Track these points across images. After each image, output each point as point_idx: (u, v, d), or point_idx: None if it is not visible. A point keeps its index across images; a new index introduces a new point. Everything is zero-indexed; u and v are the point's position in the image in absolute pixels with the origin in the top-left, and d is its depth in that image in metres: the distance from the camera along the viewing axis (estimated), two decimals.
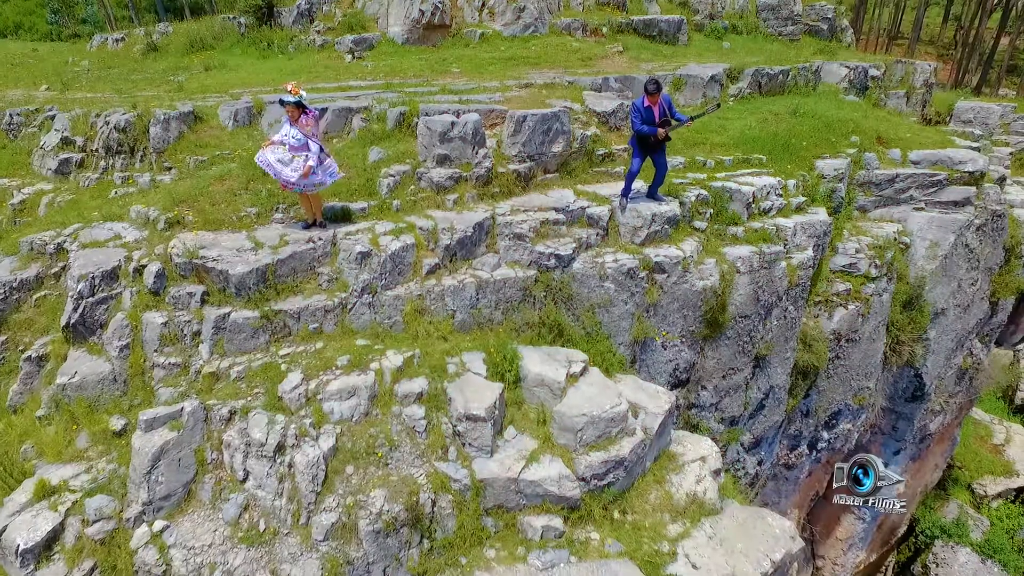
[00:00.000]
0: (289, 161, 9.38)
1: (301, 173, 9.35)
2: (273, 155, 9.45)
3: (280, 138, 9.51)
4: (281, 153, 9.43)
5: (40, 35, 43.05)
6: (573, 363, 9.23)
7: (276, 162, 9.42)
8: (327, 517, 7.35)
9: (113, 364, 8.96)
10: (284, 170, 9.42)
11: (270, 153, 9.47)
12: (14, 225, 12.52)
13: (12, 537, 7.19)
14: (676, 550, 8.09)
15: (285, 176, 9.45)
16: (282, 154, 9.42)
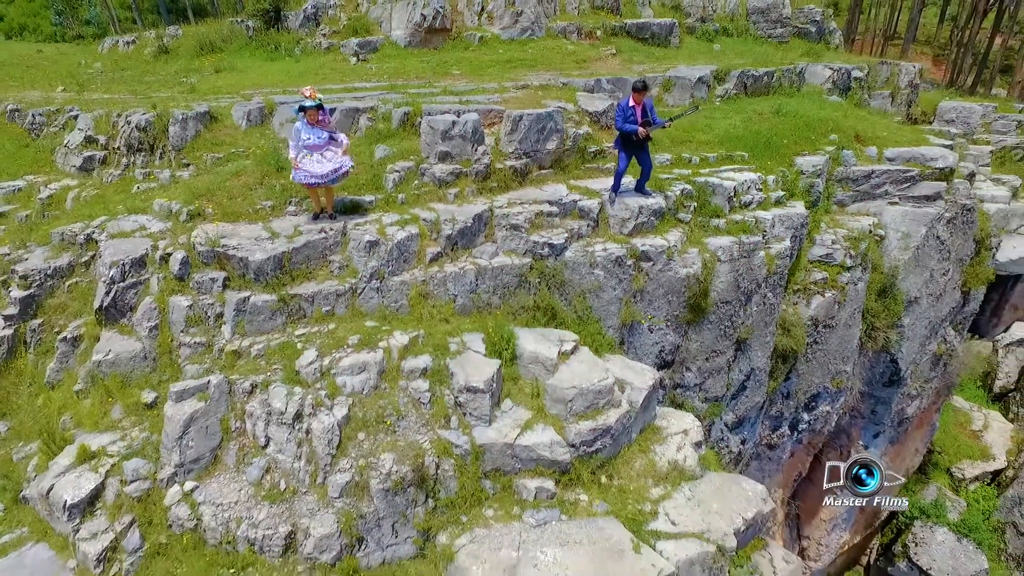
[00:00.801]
0: (322, 159, 10.19)
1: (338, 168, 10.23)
2: (309, 168, 10.25)
3: (305, 149, 10.24)
4: (317, 163, 10.23)
5: (44, 36, 43.31)
6: (565, 343, 9.98)
7: (319, 174, 10.23)
8: (341, 477, 8.11)
9: (143, 343, 9.71)
10: (323, 168, 10.24)
11: (307, 167, 10.27)
12: (43, 218, 13.24)
13: (59, 494, 7.94)
14: (657, 510, 8.84)
15: (325, 177, 10.30)
16: (318, 164, 10.23)
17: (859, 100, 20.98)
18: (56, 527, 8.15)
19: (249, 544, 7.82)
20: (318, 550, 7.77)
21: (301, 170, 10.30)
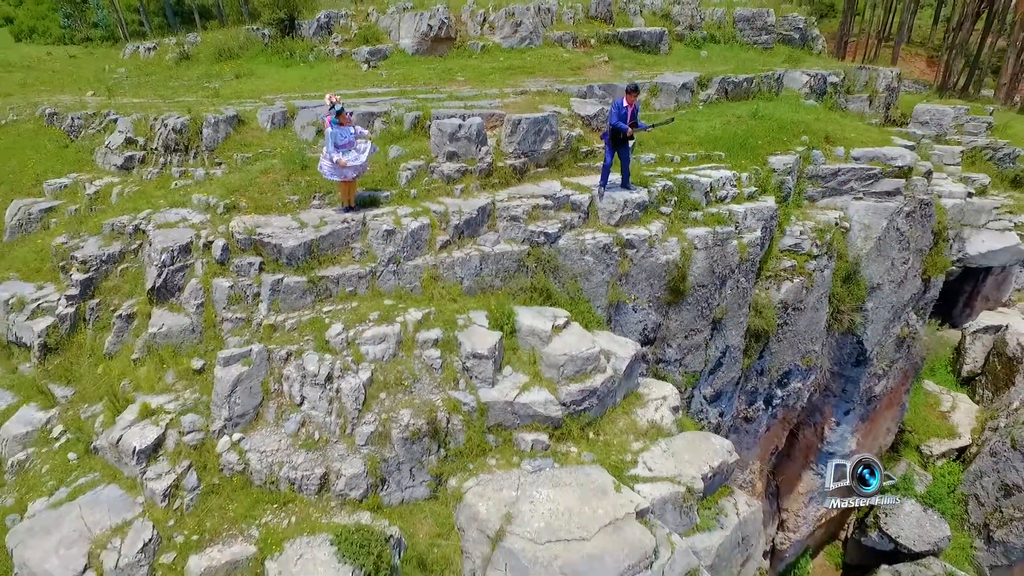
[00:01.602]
0: (349, 155, 11.48)
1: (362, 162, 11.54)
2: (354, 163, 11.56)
3: (337, 149, 11.51)
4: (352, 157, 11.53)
5: (53, 39, 43.66)
6: (558, 318, 11.28)
7: (336, 167, 11.51)
8: (367, 428, 9.40)
9: (191, 318, 11.00)
10: (354, 161, 11.54)
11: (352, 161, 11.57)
12: (91, 211, 14.53)
13: (128, 442, 9.23)
14: (637, 460, 10.15)
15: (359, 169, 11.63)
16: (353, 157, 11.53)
17: (834, 104, 22.25)
18: (124, 471, 9.43)
19: (289, 484, 9.11)
20: (348, 488, 9.07)
21: (330, 165, 11.59)
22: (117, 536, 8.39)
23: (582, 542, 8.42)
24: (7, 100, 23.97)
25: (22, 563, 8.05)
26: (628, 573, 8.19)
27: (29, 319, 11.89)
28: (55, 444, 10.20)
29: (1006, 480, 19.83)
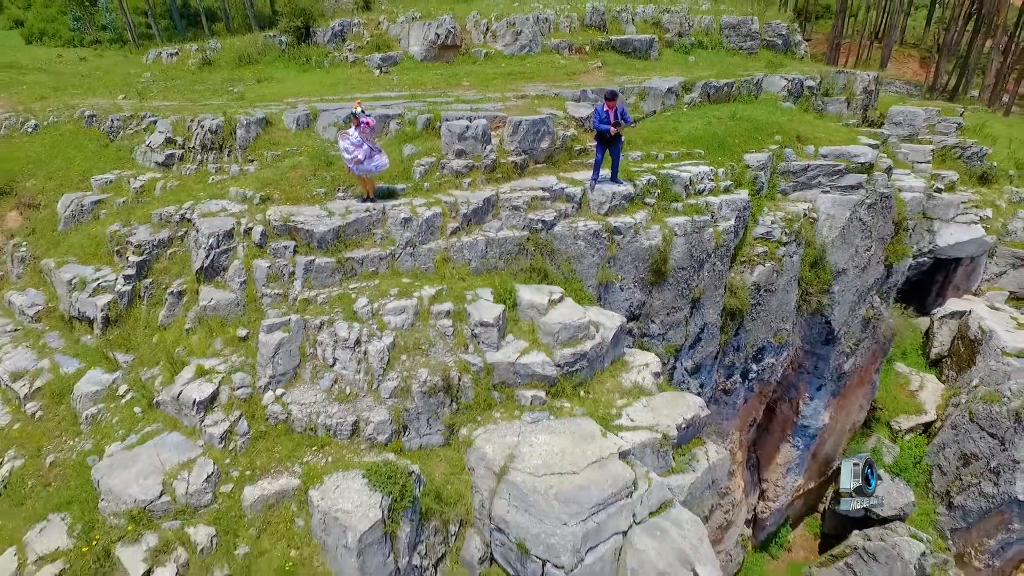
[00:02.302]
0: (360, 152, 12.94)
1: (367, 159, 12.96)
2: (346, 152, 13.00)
3: (347, 140, 12.97)
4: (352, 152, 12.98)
5: (63, 41, 44.11)
6: (553, 294, 12.74)
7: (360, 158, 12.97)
8: (391, 383, 10.87)
9: (235, 294, 12.46)
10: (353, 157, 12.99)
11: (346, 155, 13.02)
12: (138, 203, 15.98)
13: (189, 395, 10.70)
14: (621, 413, 11.61)
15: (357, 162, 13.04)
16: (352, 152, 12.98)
17: (810, 106, 23.65)
18: (184, 421, 10.89)
19: (326, 430, 10.57)
20: (376, 433, 10.54)
21: (346, 157, 13.07)
22: (184, 470, 9.87)
23: (573, 475, 9.89)
24: (44, 103, 25.37)
25: (108, 490, 9.52)
26: (611, 499, 9.66)
27: (91, 296, 13.33)
28: (121, 400, 11.65)
29: (965, 450, 21.30)
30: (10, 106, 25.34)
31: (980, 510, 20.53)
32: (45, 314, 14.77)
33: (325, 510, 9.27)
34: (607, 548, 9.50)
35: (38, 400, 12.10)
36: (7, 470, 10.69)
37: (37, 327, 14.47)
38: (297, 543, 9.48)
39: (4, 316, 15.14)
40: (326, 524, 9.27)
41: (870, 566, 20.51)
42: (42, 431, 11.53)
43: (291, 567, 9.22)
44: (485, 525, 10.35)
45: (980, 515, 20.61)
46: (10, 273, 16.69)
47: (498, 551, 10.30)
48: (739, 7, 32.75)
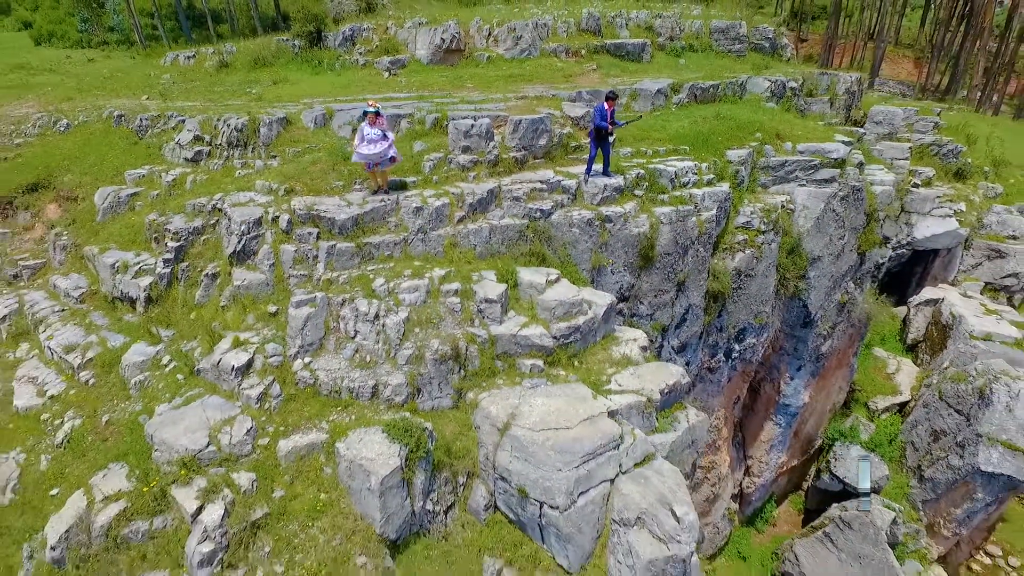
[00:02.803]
0: (375, 149, 14.12)
1: (383, 152, 14.13)
2: (364, 151, 14.19)
3: (366, 141, 14.17)
4: (368, 148, 14.16)
5: (71, 42, 44.48)
6: (550, 275, 13.96)
7: (367, 155, 14.16)
8: (406, 352, 12.11)
9: (265, 275, 13.69)
10: (371, 154, 14.18)
11: (362, 150, 14.20)
12: (170, 195, 17.21)
13: (228, 362, 11.94)
14: (610, 379, 12.83)
15: (370, 156, 14.22)
16: (369, 148, 14.16)
17: (791, 106, 24.86)
18: (223, 386, 12.13)
19: (349, 392, 11.81)
20: (393, 395, 11.78)
21: (358, 153, 14.28)
22: (227, 425, 11.11)
23: (567, 430, 11.11)
24: (71, 104, 26.62)
25: (161, 441, 10.76)
26: (600, 450, 10.89)
27: (134, 278, 14.58)
28: (165, 369, 12.88)
29: (935, 427, 22.52)
30: (40, 106, 26.61)
31: (947, 482, 21.77)
32: (89, 296, 16.01)
33: (350, 459, 10.51)
34: (597, 492, 10.73)
35: (90, 370, 13.34)
36: (68, 428, 11.93)
37: (82, 307, 15.72)
38: (326, 488, 10.72)
39: (50, 298, 16.38)
40: (351, 471, 10.51)
41: (846, 534, 21.76)
42: (96, 396, 12.77)
43: (321, 507, 10.47)
44: (489, 475, 11.58)
45: (948, 486, 21.84)
46: (52, 260, 17.95)
47: (501, 498, 11.54)
48: (728, 11, 33.94)
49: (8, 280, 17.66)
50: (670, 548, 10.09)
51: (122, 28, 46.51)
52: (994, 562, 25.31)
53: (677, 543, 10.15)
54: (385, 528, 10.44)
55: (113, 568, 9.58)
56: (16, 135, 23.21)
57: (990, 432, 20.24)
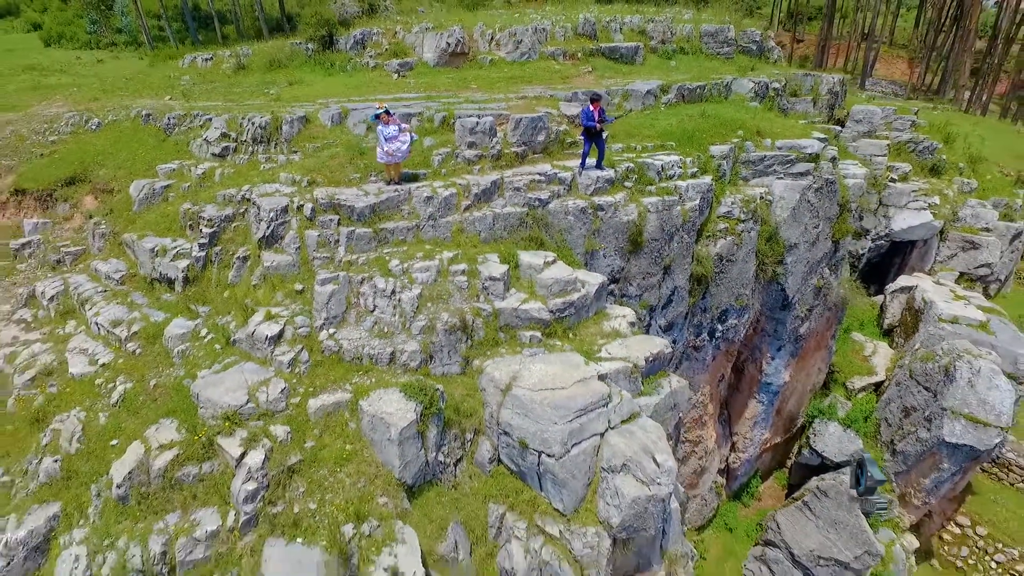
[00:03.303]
0: (397, 146, 15.46)
1: (405, 151, 15.49)
2: (388, 149, 15.54)
3: (387, 140, 15.51)
4: (390, 146, 15.51)
5: (80, 44, 45.49)
6: (547, 258, 15.26)
7: (392, 153, 15.51)
8: (420, 323, 13.43)
9: (291, 257, 15.00)
10: (395, 151, 15.52)
11: (387, 149, 15.56)
12: (201, 187, 18.53)
13: (262, 332, 13.26)
14: (601, 349, 14.14)
15: (388, 154, 15.58)
16: (391, 146, 15.50)
17: (774, 106, 26.14)
18: (256, 353, 13.45)
19: (369, 359, 13.13)
20: (408, 360, 13.10)
21: (383, 153, 15.64)
22: (263, 386, 12.43)
23: (562, 390, 12.44)
24: (98, 103, 27.95)
25: (206, 399, 12.08)
26: (591, 407, 12.21)
27: (172, 260, 15.91)
28: (204, 340, 14.20)
29: (906, 403, 23.85)
30: (69, 106, 27.95)
31: (917, 454, 23.09)
32: (128, 278, 17.35)
33: (372, 414, 11.85)
34: (588, 444, 12.05)
35: (136, 341, 14.68)
36: (121, 390, 13.26)
37: (123, 288, 17.05)
38: (351, 440, 12.04)
39: (92, 281, 17.71)
40: (373, 424, 11.85)
41: (822, 502, 23.11)
42: (143, 363, 14.11)
43: (347, 456, 11.79)
44: (494, 431, 12.92)
45: (917, 458, 23.16)
46: (92, 246, 19.28)
47: (504, 451, 12.88)
48: (718, 16, 35.21)
49: (52, 265, 18.99)
50: (651, 489, 11.44)
51: (130, 29, 47.40)
52: (963, 532, 26.65)
53: (657, 485, 11.50)
54: (403, 473, 11.78)
55: (169, 504, 10.93)
56: (50, 133, 24.56)
57: (954, 406, 21.58)
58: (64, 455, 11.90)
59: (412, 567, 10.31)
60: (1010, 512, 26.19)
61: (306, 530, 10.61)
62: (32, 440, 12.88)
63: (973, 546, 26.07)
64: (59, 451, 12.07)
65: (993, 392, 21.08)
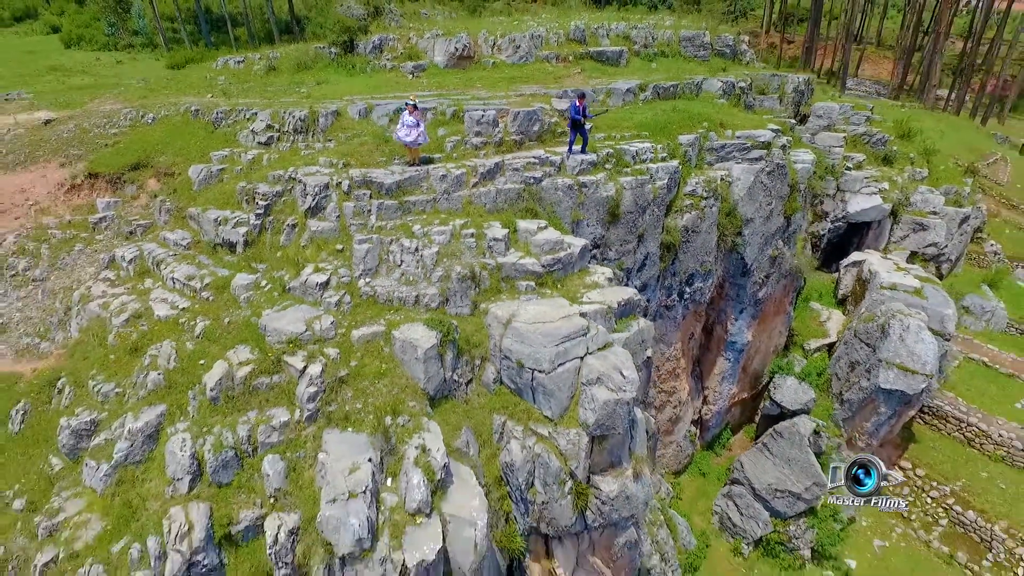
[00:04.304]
0: (409, 133, 18.33)
1: (415, 138, 18.34)
2: (401, 132, 18.40)
3: (405, 126, 18.38)
4: (404, 131, 18.37)
5: (99, 45, 46.55)
6: (540, 224, 18.09)
7: (404, 136, 18.37)
8: (438, 274, 16.27)
9: (332, 224, 17.82)
10: (406, 137, 18.39)
11: (400, 134, 18.42)
12: (251, 170, 21.35)
13: (312, 280, 16.09)
14: (583, 295, 16.94)
15: (408, 140, 18.43)
16: (404, 132, 18.37)
17: (740, 102, 28.93)
18: (308, 298, 16.29)
19: (399, 300, 15.97)
20: (429, 302, 15.96)
21: (397, 135, 18.51)
22: (316, 320, 15.26)
23: (551, 323, 15.29)
24: (147, 101, 30.66)
25: (273, 329, 14.92)
26: (573, 335, 15.01)
27: (234, 227, 18.78)
28: (264, 289, 16.98)
29: (851, 359, 26.73)
30: (121, 104, 30.74)
31: (859, 401, 25.96)
32: (193, 244, 20.16)
33: (403, 339, 14.72)
34: (571, 365, 14.91)
35: (208, 291, 17.52)
36: (201, 326, 16.10)
37: (189, 252, 19.85)
38: (386, 361, 14.89)
39: (161, 247, 20.48)
40: (404, 347, 14.72)
41: (778, 442, 26.01)
42: (216, 307, 16.95)
43: (383, 372, 14.63)
44: (497, 357, 15.79)
45: (859, 405, 26.03)
46: (158, 220, 22.11)
47: (505, 373, 15.75)
48: (696, 22, 37.93)
49: (125, 235, 21.85)
50: (618, 395, 14.35)
51: (146, 32, 48.63)
52: (905, 473, 29.57)
53: (623, 391, 14.42)
54: (427, 385, 14.66)
55: (249, 404, 13.81)
56: (110, 126, 27.35)
57: (887, 358, 24.46)
58: (164, 370, 14.81)
59: (437, 446, 13.22)
60: (944, 456, 29.05)
61: (355, 422, 13.51)
62: (133, 365, 15.76)
63: (913, 485, 28.98)
64: (159, 368, 14.97)
65: (920, 345, 23.96)
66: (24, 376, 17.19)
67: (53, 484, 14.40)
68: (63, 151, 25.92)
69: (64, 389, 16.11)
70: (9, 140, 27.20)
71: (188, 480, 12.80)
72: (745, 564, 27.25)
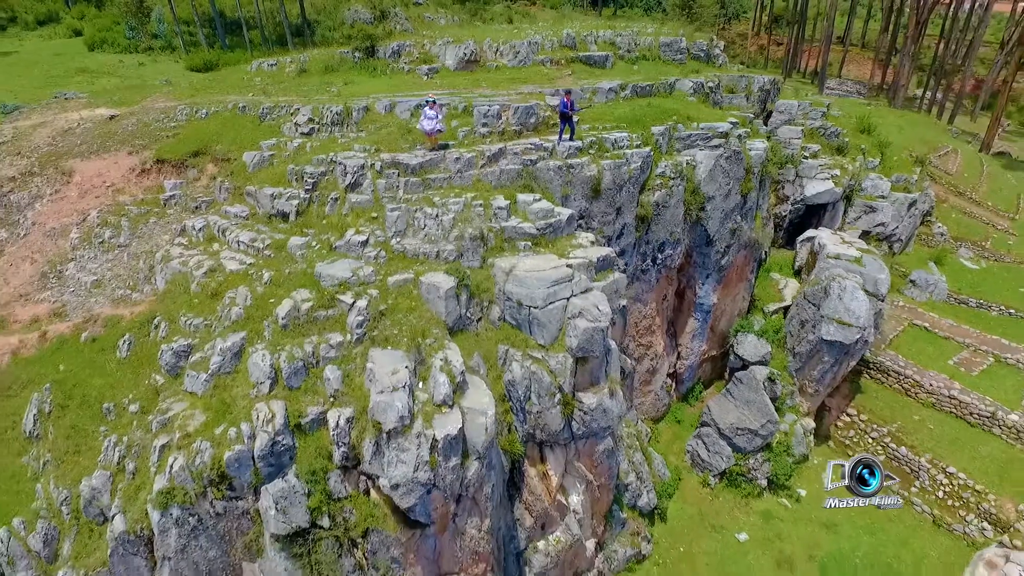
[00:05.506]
0: (430, 124, 21.70)
1: (435, 126, 21.73)
2: (424, 123, 21.78)
3: (426, 118, 21.75)
4: (426, 122, 21.75)
5: (120, 48, 47.52)
6: (535, 197, 21.40)
7: (425, 126, 21.75)
8: (456, 233, 19.57)
9: (368, 197, 21.12)
10: (427, 127, 21.78)
11: (423, 124, 21.81)
12: (297, 155, 24.68)
13: (355, 239, 19.43)
14: (570, 253, 20.26)
15: (428, 129, 21.82)
16: (427, 122, 21.75)
17: (707, 100, 32.21)
18: (351, 253, 19.57)
19: (423, 255, 19.31)
20: (448, 256, 19.27)
21: (420, 126, 21.88)
22: (359, 270, 18.53)
23: (544, 271, 18.58)
24: (195, 99, 33.86)
25: (326, 275, 18.21)
26: (561, 280, 18.30)
27: (287, 201, 22.14)
28: (314, 248, 20.21)
29: (802, 318, 30.08)
30: (172, 101, 33.99)
31: (807, 352, 29.33)
32: (251, 216, 23.53)
33: (428, 283, 18.04)
34: (559, 303, 18.28)
35: (269, 250, 20.83)
36: (267, 276, 19.38)
37: (248, 222, 23.17)
38: (414, 300, 18.19)
39: (224, 219, 23.84)
40: (428, 289, 18.04)
41: (739, 387, 29.37)
42: (277, 262, 20.26)
43: (412, 308, 17.94)
44: (501, 300, 19.14)
45: (808, 356, 29.40)
46: (218, 197, 25.44)
47: (507, 312, 19.11)
48: (674, 29, 41.16)
49: (192, 210, 25.20)
50: (595, 324, 17.75)
51: (164, 35, 50.02)
52: (851, 419, 32.96)
53: (599, 322, 17.81)
54: (447, 318, 18.00)
55: (311, 330, 17.14)
56: (168, 120, 30.60)
57: (828, 313, 27.82)
58: (244, 306, 18.23)
59: (456, 359, 16.59)
60: (884, 403, 32.37)
61: (393, 342, 16.87)
62: (215, 305, 19.12)
63: (856, 428, 32.41)
64: (238, 305, 18.39)
65: (854, 303, 27.34)
66: (124, 317, 20.60)
67: (159, 394, 17.83)
68: (130, 142, 29.21)
69: (160, 325, 19.49)
70: (81, 133, 30.60)
71: (268, 384, 16.15)
72: (712, 493, 30.61)
